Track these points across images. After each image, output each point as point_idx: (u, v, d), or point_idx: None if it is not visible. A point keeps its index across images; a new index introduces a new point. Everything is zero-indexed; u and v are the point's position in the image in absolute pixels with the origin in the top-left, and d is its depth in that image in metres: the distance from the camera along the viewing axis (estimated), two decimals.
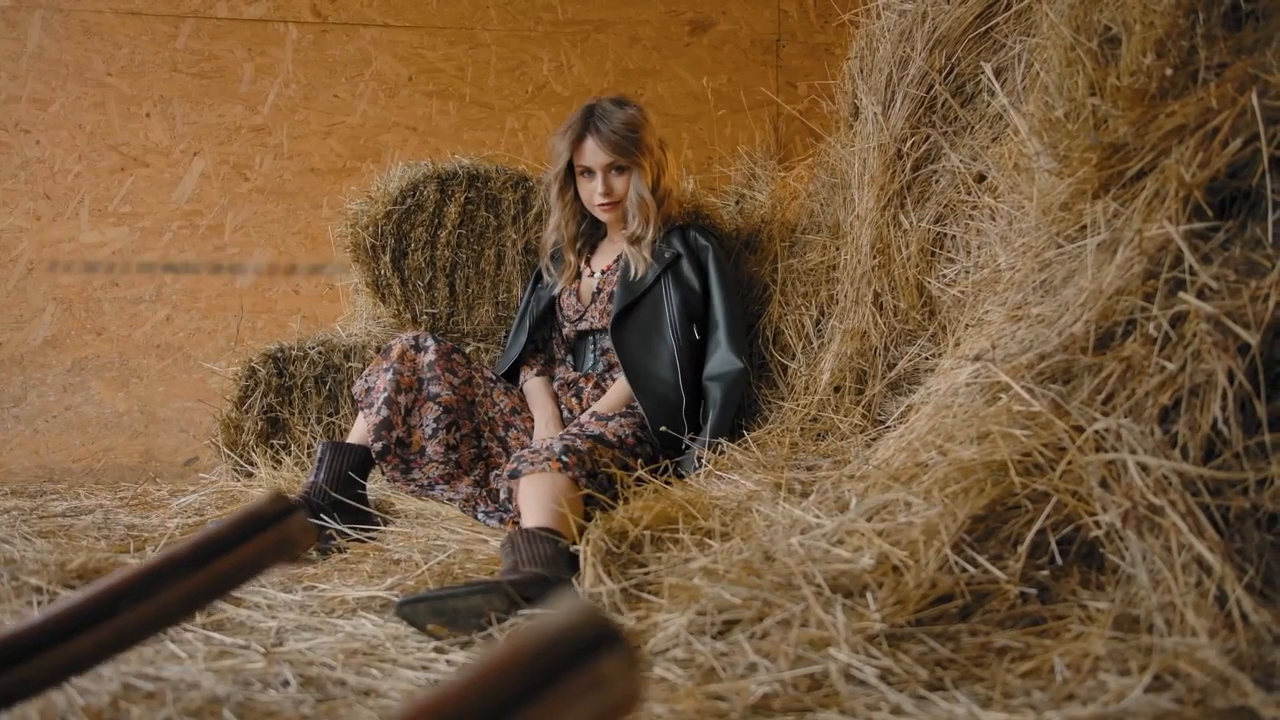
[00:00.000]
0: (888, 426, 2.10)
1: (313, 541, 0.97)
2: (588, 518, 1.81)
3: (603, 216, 2.40)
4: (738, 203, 2.97)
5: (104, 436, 3.13)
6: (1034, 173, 1.79)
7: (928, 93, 2.20)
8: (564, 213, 2.43)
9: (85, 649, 0.85)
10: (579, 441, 2.01)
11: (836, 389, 2.24)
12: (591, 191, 2.35)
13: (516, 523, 1.89)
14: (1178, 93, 1.55)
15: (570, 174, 2.39)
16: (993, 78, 1.94)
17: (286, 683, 1.21)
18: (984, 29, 2.15)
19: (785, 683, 1.11)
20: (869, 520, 1.46)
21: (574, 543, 1.68)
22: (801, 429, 2.19)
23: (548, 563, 1.56)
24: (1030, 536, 1.33)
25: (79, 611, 0.85)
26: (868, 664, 1.13)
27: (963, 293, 2.06)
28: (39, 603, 1.47)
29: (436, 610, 1.39)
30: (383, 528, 2.03)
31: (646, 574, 1.49)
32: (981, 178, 2.10)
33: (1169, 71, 1.53)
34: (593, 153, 2.32)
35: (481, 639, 1.38)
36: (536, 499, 1.80)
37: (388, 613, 1.56)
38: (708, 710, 1.07)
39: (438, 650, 1.37)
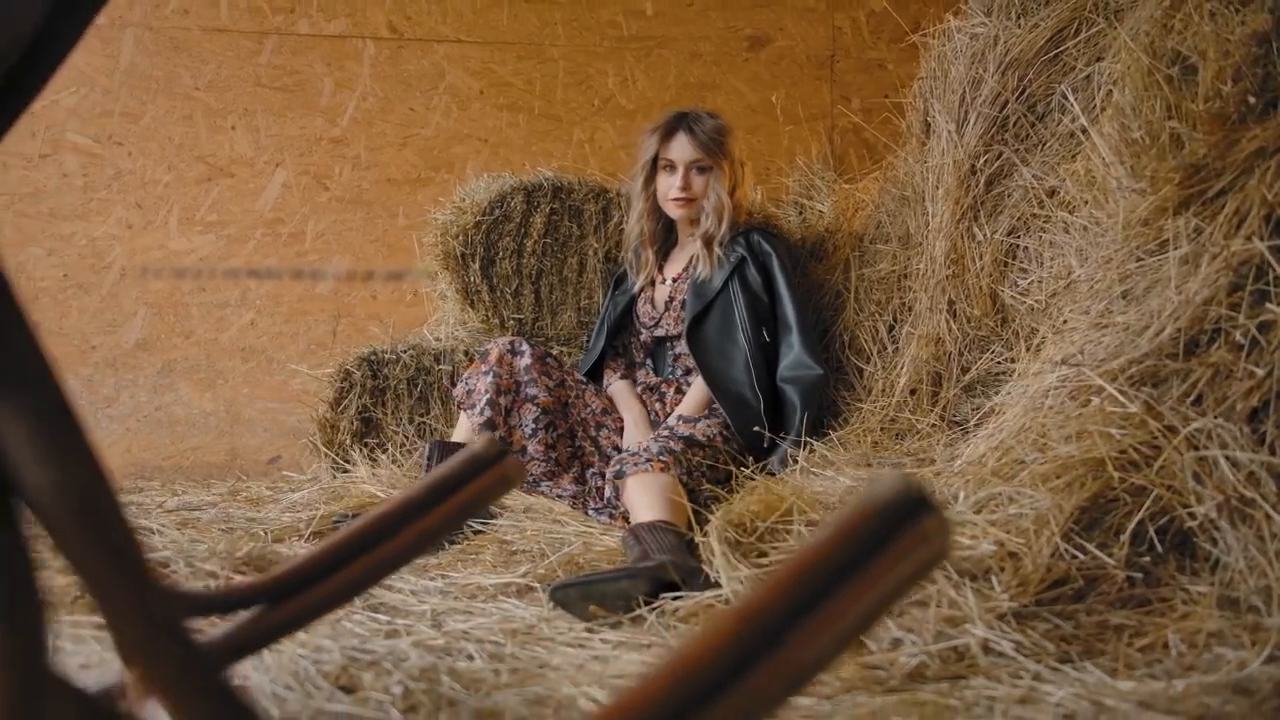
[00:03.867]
0: (965, 428, 2.23)
1: (523, 478, 1.11)
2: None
3: (674, 212, 2.52)
4: (800, 213, 3.10)
5: (191, 436, 3.27)
6: (1114, 190, 1.92)
7: (1000, 111, 2.33)
8: (645, 205, 2.56)
9: (363, 572, 0.99)
10: (672, 443, 2.14)
11: (912, 392, 2.37)
12: (669, 185, 2.48)
13: (626, 519, 2.03)
14: (1256, 117, 1.67)
15: (654, 170, 2.52)
16: (1075, 105, 2.06)
17: (471, 656, 1.34)
18: (1055, 53, 2.28)
19: (932, 654, 1.24)
20: (977, 512, 1.59)
21: (689, 533, 1.82)
22: (881, 429, 2.32)
23: (675, 550, 1.69)
24: (1131, 527, 1.46)
25: (352, 543, 0.99)
26: (1004, 638, 1.26)
27: (1037, 302, 2.19)
28: (213, 587, 1.60)
29: (586, 595, 1.51)
30: (495, 520, 2.16)
31: (771, 561, 1.62)
32: (1054, 192, 2.23)
33: (1252, 99, 1.66)
34: (680, 147, 2.46)
35: (629, 620, 1.51)
36: (647, 496, 1.93)
37: (525, 597, 1.70)
38: (868, 678, 1.20)
39: (588, 630, 1.50)
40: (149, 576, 0.40)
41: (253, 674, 1.11)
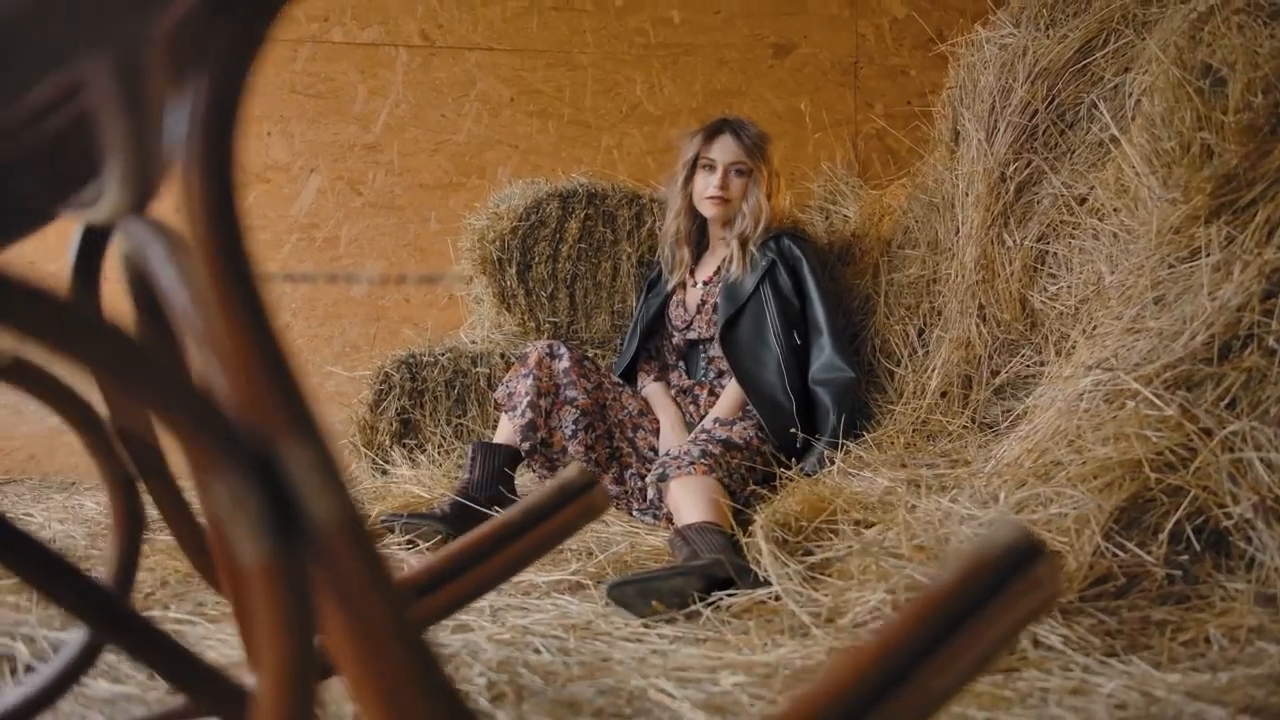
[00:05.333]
0: (997, 430, 2.29)
1: (609, 506, 1.16)
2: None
3: (708, 211, 2.57)
4: (826, 218, 3.16)
5: None
6: (1146, 199, 1.97)
7: (1030, 120, 2.38)
8: (681, 203, 2.61)
9: (461, 592, 1.04)
10: (711, 446, 2.19)
11: (943, 394, 2.43)
12: (707, 184, 2.54)
13: (670, 521, 2.08)
14: None
15: (694, 170, 2.58)
16: (1106, 114, 2.11)
17: (538, 650, 1.40)
18: (1083, 63, 2.33)
19: None
20: (1018, 512, 1.64)
21: (733, 533, 1.88)
22: (914, 430, 2.37)
23: (723, 549, 1.75)
24: (1169, 526, 1.51)
25: (451, 564, 1.04)
26: (1052, 633, 1.32)
27: (1067, 307, 2.24)
28: None
29: (644, 592, 1.57)
30: None
31: (818, 559, 1.68)
32: (1083, 199, 2.28)
33: None
34: (722, 147, 2.52)
35: (683, 616, 1.57)
36: (691, 497, 1.98)
37: (577, 594, 1.75)
38: None
39: (644, 626, 1.56)
40: (397, 589, 0.46)
41: None
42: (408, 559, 1.96)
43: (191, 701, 0.84)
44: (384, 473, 2.71)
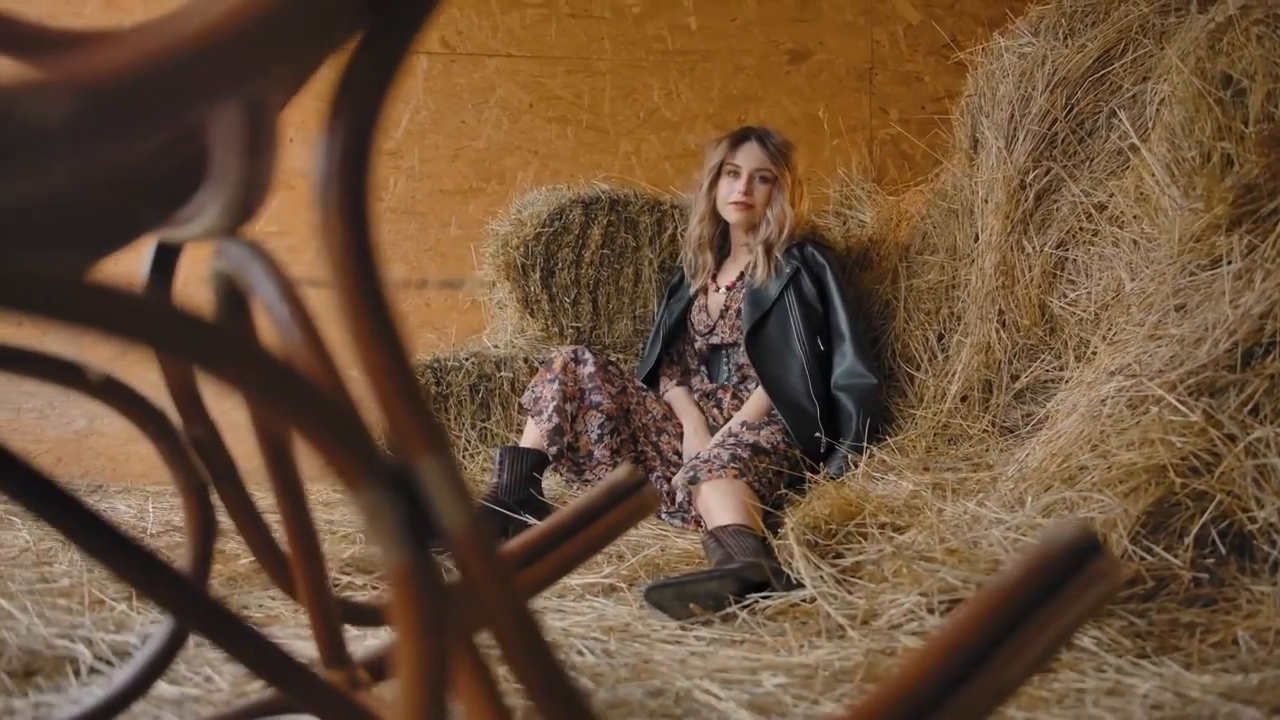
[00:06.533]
0: (1018, 434, 2.32)
1: (658, 506, 1.19)
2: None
3: (731, 216, 2.61)
4: (844, 223, 3.19)
5: (251, 439, 3.36)
6: (1167, 207, 2.00)
7: (1049, 129, 2.41)
8: (705, 208, 2.66)
9: (527, 584, 1.06)
10: (740, 450, 2.22)
11: (964, 398, 2.46)
12: (731, 189, 2.58)
13: (700, 524, 2.11)
14: None
15: (719, 176, 2.62)
16: (1126, 123, 2.15)
17: (581, 652, 1.44)
18: (1102, 73, 2.36)
19: None
20: (1045, 516, 1.68)
21: (764, 536, 1.91)
22: (935, 434, 2.41)
23: (756, 552, 1.78)
24: (1195, 530, 1.54)
25: (515, 558, 1.07)
26: (1084, 634, 1.35)
27: (1086, 313, 2.27)
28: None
29: (681, 595, 1.60)
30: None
31: (849, 562, 1.72)
32: (1102, 207, 2.32)
33: None
34: (748, 153, 2.56)
35: (719, 618, 1.61)
36: (722, 501, 2.01)
37: (611, 596, 1.79)
38: None
39: (681, 628, 1.59)
40: (522, 595, 0.50)
41: None
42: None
43: (279, 695, 0.87)
44: None
